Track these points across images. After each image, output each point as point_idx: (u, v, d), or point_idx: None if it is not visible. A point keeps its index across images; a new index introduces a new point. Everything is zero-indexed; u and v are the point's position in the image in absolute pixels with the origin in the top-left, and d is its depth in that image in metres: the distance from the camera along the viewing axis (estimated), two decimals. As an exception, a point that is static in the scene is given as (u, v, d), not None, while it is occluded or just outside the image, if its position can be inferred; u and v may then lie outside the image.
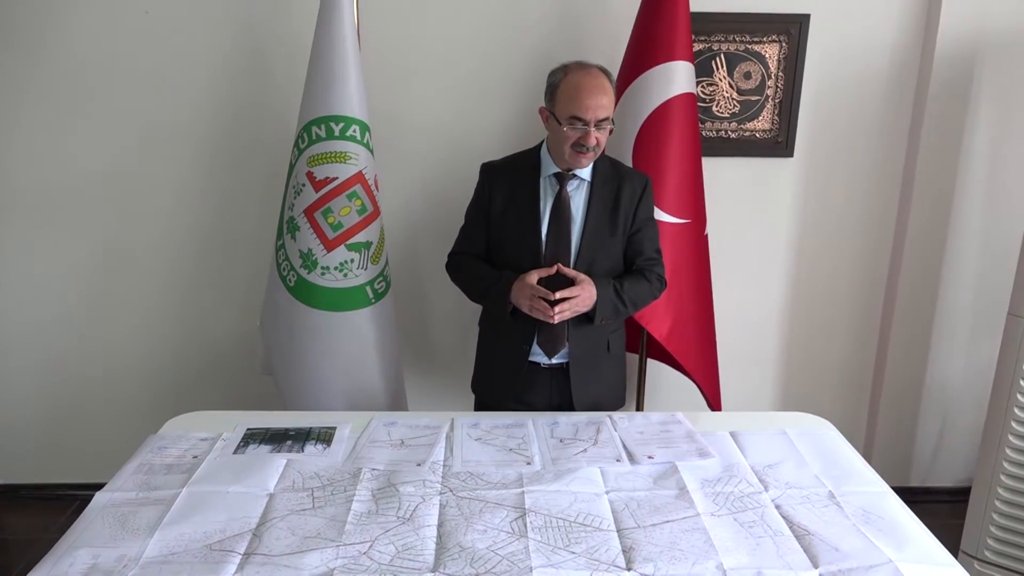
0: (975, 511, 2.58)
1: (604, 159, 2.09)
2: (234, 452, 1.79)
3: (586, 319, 2.01)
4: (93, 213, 2.83)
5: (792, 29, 2.77)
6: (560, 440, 1.88)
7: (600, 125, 1.92)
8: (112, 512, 1.55)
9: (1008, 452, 2.47)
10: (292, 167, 2.39)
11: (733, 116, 2.85)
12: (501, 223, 2.09)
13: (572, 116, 1.91)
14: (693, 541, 1.47)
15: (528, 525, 1.51)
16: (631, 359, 2.65)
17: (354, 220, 2.34)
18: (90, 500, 1.59)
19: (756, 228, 2.97)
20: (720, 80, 2.81)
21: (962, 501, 2.70)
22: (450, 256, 2.22)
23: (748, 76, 2.82)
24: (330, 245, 2.33)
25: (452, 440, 1.87)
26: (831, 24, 2.78)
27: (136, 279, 2.91)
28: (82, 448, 3.04)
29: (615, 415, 2.02)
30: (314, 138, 2.32)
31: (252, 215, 2.85)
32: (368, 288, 2.40)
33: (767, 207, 2.96)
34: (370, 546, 1.45)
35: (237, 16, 2.69)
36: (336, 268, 2.34)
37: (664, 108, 2.46)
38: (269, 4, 2.69)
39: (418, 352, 3.03)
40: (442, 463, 1.76)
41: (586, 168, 2.03)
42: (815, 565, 1.41)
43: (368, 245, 2.38)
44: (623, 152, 2.49)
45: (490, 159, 2.17)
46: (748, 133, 2.87)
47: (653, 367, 2.87)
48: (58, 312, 2.92)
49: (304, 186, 2.33)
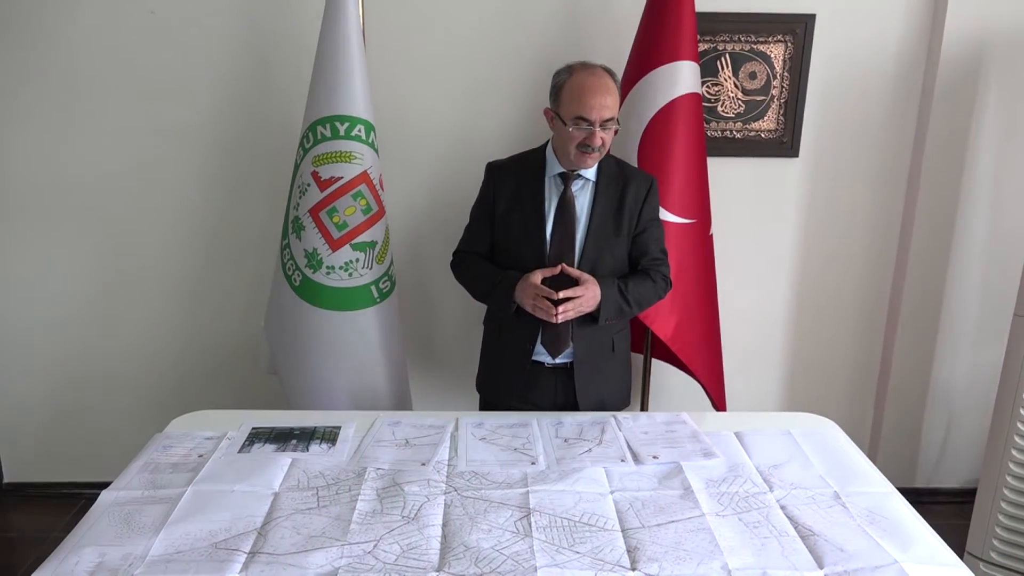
0: (981, 512, 2.57)
1: (609, 159, 2.09)
2: (239, 451, 1.80)
3: (591, 319, 2.01)
4: (99, 214, 2.84)
5: (797, 29, 2.76)
6: (565, 440, 1.88)
7: (605, 125, 1.92)
8: (118, 511, 1.55)
9: (1014, 453, 2.46)
10: (297, 167, 2.40)
11: (738, 116, 2.85)
12: (506, 222, 2.09)
13: (577, 116, 1.91)
14: (698, 541, 1.47)
15: (533, 525, 1.52)
16: (636, 359, 2.64)
17: (359, 220, 2.34)
18: (96, 499, 1.60)
19: (761, 228, 2.97)
20: (725, 80, 2.81)
21: (967, 502, 2.69)
22: (455, 255, 2.22)
23: (753, 76, 2.81)
24: (335, 245, 2.33)
25: (457, 440, 1.87)
26: (836, 24, 2.77)
27: (141, 279, 2.91)
28: (88, 447, 3.06)
29: (620, 415, 2.02)
30: (319, 138, 2.33)
31: (257, 214, 2.86)
32: (373, 288, 2.40)
33: (772, 207, 2.95)
34: (375, 545, 1.45)
35: (242, 16, 2.69)
36: (341, 268, 2.35)
37: (669, 108, 2.46)
38: (274, 4, 2.69)
39: (423, 351, 3.03)
40: (447, 463, 1.76)
41: (591, 168, 2.03)
42: (820, 566, 1.41)
43: (373, 245, 2.38)
44: (628, 152, 2.49)
45: (495, 159, 2.17)
46: (753, 133, 2.87)
47: (658, 367, 2.87)
48: (65, 312, 2.93)
49: (309, 186, 2.34)
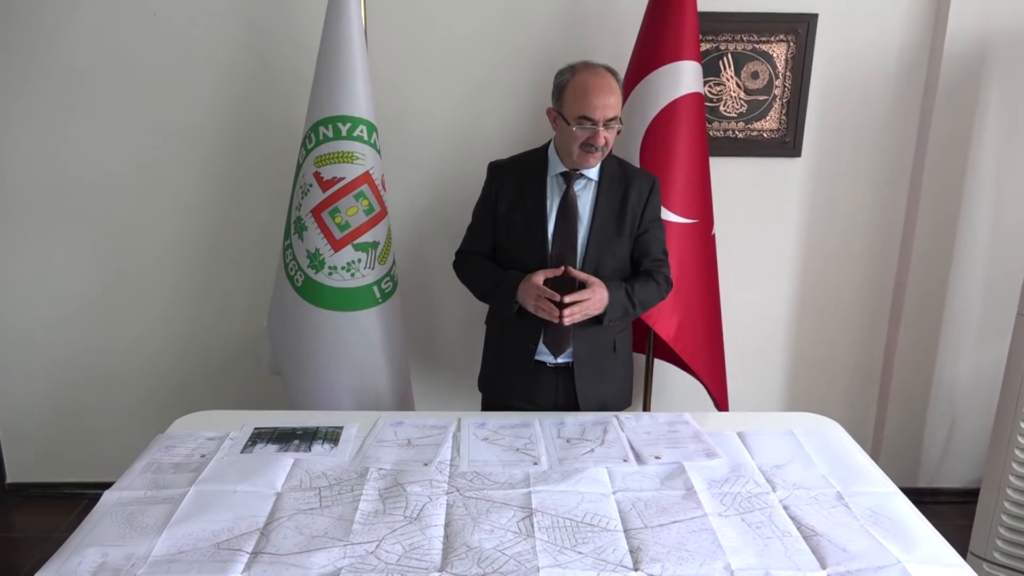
0: (984, 512, 2.57)
1: (611, 159, 2.08)
2: (242, 451, 1.80)
3: (594, 320, 2.00)
4: (100, 214, 2.84)
5: (800, 28, 2.76)
6: (567, 440, 1.88)
7: (608, 125, 1.92)
8: (120, 511, 1.56)
9: (1017, 453, 2.45)
10: (299, 167, 2.40)
11: (740, 116, 2.84)
12: (508, 222, 2.09)
13: (580, 116, 1.91)
14: (700, 542, 1.47)
15: (535, 525, 1.51)
16: (638, 359, 2.64)
17: (361, 220, 2.34)
18: (99, 499, 1.60)
19: (763, 228, 2.96)
20: (727, 80, 2.81)
21: (971, 502, 2.69)
22: (457, 255, 2.22)
23: (756, 76, 2.81)
24: (337, 245, 2.33)
25: (459, 440, 1.87)
26: (839, 24, 2.76)
27: (142, 279, 2.92)
28: (91, 447, 3.06)
29: (622, 415, 2.02)
30: (321, 138, 2.33)
31: (258, 215, 2.86)
32: (375, 288, 2.40)
33: (774, 207, 2.95)
34: (377, 545, 1.45)
35: (244, 17, 2.70)
36: (343, 268, 2.35)
37: (671, 108, 2.46)
38: (276, 4, 2.69)
39: (425, 351, 3.03)
40: (449, 463, 1.76)
41: (593, 168, 2.03)
42: (823, 566, 1.41)
43: (375, 245, 2.38)
44: (630, 152, 2.48)
45: (497, 158, 2.17)
46: (755, 133, 2.86)
47: (660, 367, 2.87)
48: (67, 312, 2.93)
49: (311, 186, 2.34)
